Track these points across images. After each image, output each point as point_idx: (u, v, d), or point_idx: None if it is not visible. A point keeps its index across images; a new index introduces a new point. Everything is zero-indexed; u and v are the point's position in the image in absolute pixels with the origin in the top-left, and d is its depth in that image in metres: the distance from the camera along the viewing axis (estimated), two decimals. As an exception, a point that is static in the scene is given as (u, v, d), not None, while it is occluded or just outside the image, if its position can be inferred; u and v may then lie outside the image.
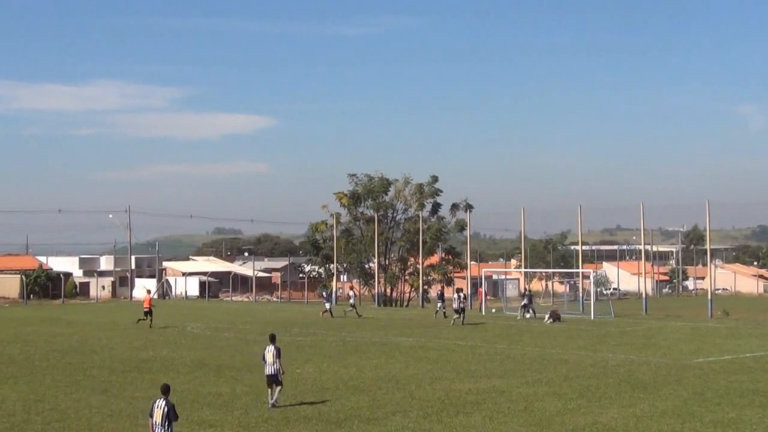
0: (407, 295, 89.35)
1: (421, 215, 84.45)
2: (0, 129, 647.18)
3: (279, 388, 22.71)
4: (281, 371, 22.73)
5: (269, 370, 22.58)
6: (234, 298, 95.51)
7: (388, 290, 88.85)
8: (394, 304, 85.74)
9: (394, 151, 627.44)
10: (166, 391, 16.16)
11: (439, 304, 56.98)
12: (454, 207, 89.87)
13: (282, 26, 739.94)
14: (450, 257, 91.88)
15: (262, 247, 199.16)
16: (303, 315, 61.71)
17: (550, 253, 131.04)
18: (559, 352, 35.18)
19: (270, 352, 22.73)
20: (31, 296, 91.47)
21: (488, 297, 66.61)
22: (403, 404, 22.86)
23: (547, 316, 51.95)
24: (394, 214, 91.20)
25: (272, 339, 23.35)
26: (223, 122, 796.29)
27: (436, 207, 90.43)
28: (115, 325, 52.87)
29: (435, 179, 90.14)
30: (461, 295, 51.17)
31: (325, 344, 39.40)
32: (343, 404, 22.89)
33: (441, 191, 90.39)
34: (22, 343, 41.00)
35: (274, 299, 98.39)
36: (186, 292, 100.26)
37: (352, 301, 61.30)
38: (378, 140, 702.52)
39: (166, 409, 15.71)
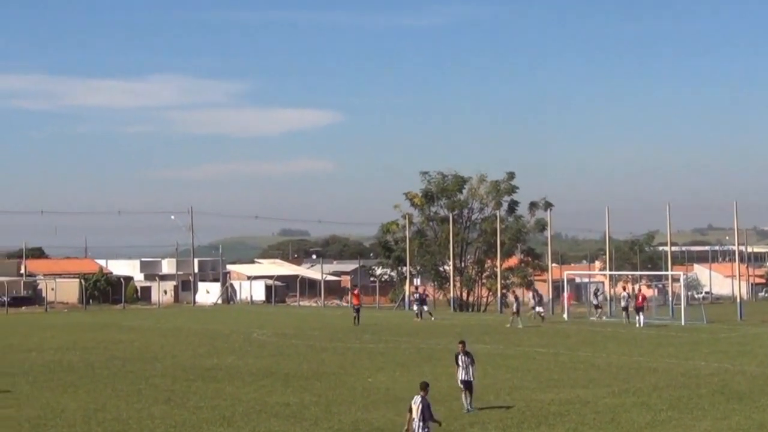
0: (484, 299, 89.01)
1: (498, 214, 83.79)
2: (54, 127, 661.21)
3: (470, 394, 24.02)
4: (473, 377, 24.04)
5: (461, 375, 24.05)
6: (302, 303, 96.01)
7: (464, 294, 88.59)
8: (470, 309, 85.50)
9: (466, 147, 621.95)
10: (423, 387, 17.42)
11: (538, 309, 59.20)
12: (533, 205, 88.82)
13: (348, 17, 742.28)
14: (529, 259, 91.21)
15: (331, 249, 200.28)
16: (374, 320, 61.53)
17: (637, 255, 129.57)
18: (648, 360, 34.83)
19: (461, 357, 24.22)
20: (91, 301, 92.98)
21: (572, 302, 66.18)
22: (481, 415, 22.79)
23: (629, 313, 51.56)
24: (470, 214, 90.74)
25: (462, 344, 24.81)
26: (285, 117, 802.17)
27: (512, 206, 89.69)
28: (178, 331, 53.53)
29: (511, 176, 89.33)
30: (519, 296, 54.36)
31: (398, 351, 39.48)
32: (417, 415, 22.85)
33: (518, 188, 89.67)
34: (81, 350, 41.72)
35: (344, 304, 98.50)
36: (251, 296, 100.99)
37: (416, 306, 63.27)
38: (449, 136, 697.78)
39: (421, 406, 16.80)
